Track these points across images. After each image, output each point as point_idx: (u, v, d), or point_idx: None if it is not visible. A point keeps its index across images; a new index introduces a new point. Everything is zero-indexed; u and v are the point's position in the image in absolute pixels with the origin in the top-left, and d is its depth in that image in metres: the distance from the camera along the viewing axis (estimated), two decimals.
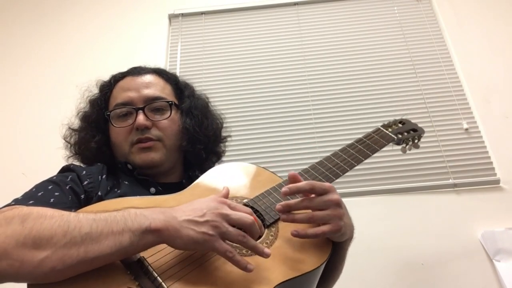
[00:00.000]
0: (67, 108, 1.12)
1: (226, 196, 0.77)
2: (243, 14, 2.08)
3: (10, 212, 0.65)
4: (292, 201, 0.77)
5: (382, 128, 1.10)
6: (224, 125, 1.16)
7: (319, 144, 1.68)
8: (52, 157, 1.08)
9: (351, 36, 1.95)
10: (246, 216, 0.70)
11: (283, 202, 0.77)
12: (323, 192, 0.77)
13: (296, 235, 0.75)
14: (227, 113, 1.20)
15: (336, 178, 0.92)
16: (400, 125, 1.16)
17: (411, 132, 1.16)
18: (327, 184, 0.79)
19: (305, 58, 1.91)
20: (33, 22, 2.17)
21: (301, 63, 1.90)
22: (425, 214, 1.50)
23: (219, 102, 1.76)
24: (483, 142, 1.63)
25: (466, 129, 1.65)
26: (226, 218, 0.68)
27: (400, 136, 1.11)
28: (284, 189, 0.76)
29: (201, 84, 1.83)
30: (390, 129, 1.12)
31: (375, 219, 1.50)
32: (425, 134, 1.64)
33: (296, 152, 1.68)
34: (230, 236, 0.67)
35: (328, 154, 1.67)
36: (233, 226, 0.68)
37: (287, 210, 0.76)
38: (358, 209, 1.48)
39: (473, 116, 1.69)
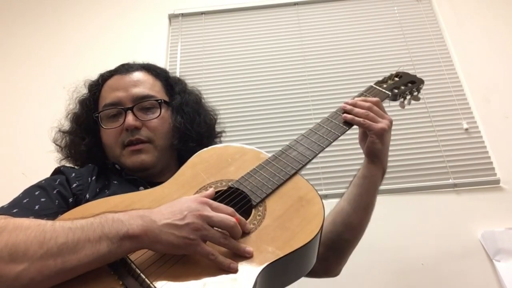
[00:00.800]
0: (67, 108, 1.12)
1: (210, 197, 0.75)
2: (243, 14, 2.08)
3: None
4: (359, 100, 0.95)
5: (374, 86, 1.06)
6: (218, 120, 1.13)
7: None
8: (52, 157, 1.08)
9: (351, 36, 1.95)
10: (227, 218, 0.68)
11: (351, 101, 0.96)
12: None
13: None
14: (227, 113, 1.20)
15: (326, 146, 0.90)
16: (396, 79, 1.10)
17: (409, 84, 1.10)
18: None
19: (305, 58, 1.91)
20: (33, 22, 2.17)
21: (301, 63, 1.90)
22: (425, 214, 1.50)
23: (219, 102, 1.76)
24: (483, 142, 1.62)
25: (466, 129, 1.65)
26: (208, 220, 0.66)
27: (396, 91, 1.06)
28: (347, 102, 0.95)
29: (201, 84, 1.83)
30: (384, 85, 1.07)
31: (375, 219, 1.49)
32: (425, 134, 1.66)
33: None
34: (212, 238, 0.66)
35: (328, 153, 1.67)
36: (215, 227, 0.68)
37: (353, 104, 0.94)
38: None
39: (473, 116, 1.69)
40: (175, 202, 0.70)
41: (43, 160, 1.27)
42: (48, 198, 0.82)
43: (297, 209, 0.77)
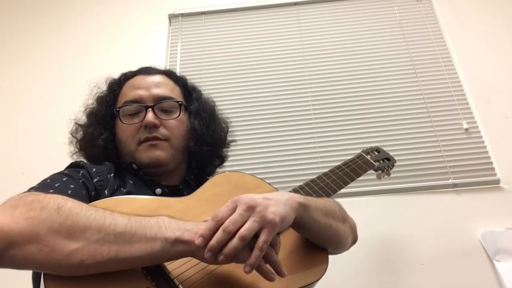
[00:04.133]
0: (67, 108, 1.13)
1: None
2: (243, 14, 2.08)
3: (45, 198, 0.64)
4: (212, 241, 0.65)
5: (364, 154, 1.20)
6: (230, 129, 1.16)
7: (319, 144, 1.68)
8: (52, 157, 1.08)
9: (351, 36, 1.95)
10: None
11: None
12: (231, 211, 0.67)
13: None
14: (226, 113, 1.21)
15: (328, 197, 0.97)
16: (376, 152, 1.26)
17: (386, 160, 1.26)
18: (227, 204, 0.69)
19: (305, 58, 1.91)
20: (33, 22, 2.17)
21: (301, 63, 1.90)
22: (425, 214, 1.50)
23: (219, 102, 1.75)
24: (483, 142, 1.62)
25: (466, 129, 1.65)
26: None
27: (377, 163, 1.21)
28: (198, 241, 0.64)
29: (201, 84, 1.83)
30: (369, 156, 1.21)
31: (375, 219, 1.50)
32: (425, 134, 1.66)
33: (296, 152, 1.68)
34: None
35: (327, 154, 1.69)
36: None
37: (215, 251, 0.64)
38: (358, 209, 1.48)
39: (473, 116, 1.69)
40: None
41: (43, 160, 1.27)
42: (76, 186, 0.82)
43: (307, 248, 0.83)
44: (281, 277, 0.68)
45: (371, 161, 1.18)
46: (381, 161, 1.24)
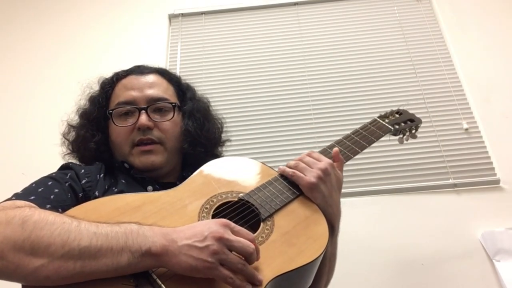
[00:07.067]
0: (67, 107, 1.12)
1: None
2: (243, 14, 2.08)
3: (12, 211, 0.65)
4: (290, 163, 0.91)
5: (378, 119, 1.11)
6: (224, 128, 1.15)
7: (319, 145, 1.68)
8: (51, 157, 1.08)
9: (351, 36, 1.95)
10: (248, 245, 0.67)
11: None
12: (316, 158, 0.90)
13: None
14: (227, 113, 1.21)
15: None
16: (397, 115, 1.16)
17: (408, 122, 1.16)
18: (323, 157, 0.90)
19: (305, 58, 1.91)
20: (33, 22, 2.17)
21: (301, 63, 1.90)
22: (425, 214, 1.50)
23: (219, 102, 1.76)
24: (483, 142, 1.62)
25: (466, 129, 1.65)
26: (227, 243, 0.65)
27: (397, 126, 1.12)
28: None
29: (201, 84, 1.84)
30: (387, 120, 1.12)
31: (375, 219, 1.50)
32: (425, 134, 1.66)
33: (296, 152, 1.67)
34: (230, 263, 0.65)
35: None
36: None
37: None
38: (358, 209, 1.50)
39: (473, 116, 1.69)
40: (198, 223, 0.70)
41: (43, 160, 1.27)
42: (61, 190, 0.82)
43: (303, 227, 0.80)
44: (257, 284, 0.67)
45: (387, 125, 1.08)
46: (402, 124, 1.13)
